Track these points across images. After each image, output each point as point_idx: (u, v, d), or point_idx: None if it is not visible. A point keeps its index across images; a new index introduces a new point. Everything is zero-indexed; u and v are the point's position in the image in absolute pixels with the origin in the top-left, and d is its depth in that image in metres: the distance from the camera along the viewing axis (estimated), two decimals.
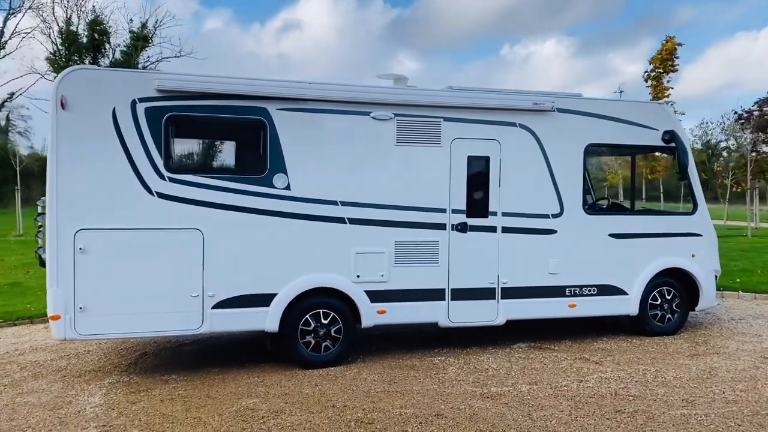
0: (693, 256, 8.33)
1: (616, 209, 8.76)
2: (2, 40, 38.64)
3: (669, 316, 8.34)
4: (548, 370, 6.87)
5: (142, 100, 6.40)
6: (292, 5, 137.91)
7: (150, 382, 6.59)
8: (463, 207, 7.43)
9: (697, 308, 8.47)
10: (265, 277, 6.79)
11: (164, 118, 6.45)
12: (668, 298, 8.31)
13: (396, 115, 7.16)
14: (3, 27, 38.99)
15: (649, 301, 8.22)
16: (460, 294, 7.43)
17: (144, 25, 45.82)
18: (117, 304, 6.35)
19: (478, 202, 7.49)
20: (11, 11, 39.39)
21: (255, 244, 6.75)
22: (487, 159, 7.51)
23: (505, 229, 7.58)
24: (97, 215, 6.29)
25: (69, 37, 43.80)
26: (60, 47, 44.13)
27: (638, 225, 8.14)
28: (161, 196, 6.46)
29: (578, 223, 7.85)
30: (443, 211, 7.36)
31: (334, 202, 7.00)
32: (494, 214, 7.54)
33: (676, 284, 8.36)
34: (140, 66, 45.27)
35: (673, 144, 8.06)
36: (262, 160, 6.79)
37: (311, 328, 6.96)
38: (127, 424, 5.43)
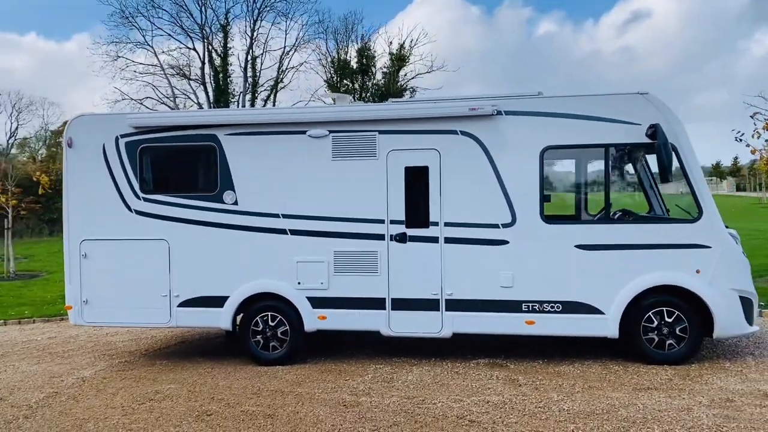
0: (698, 272, 6.93)
1: (618, 219, 7.60)
2: (280, 76, 45.61)
3: (671, 341, 7.06)
4: (453, 387, 6.57)
5: (123, 136, 7.97)
6: None
7: (141, 364, 8.13)
8: (402, 218, 7.45)
9: (714, 336, 7.00)
10: (219, 281, 7.80)
11: (138, 148, 7.93)
12: (669, 320, 7.05)
13: (331, 132, 7.55)
14: (279, 65, 46.02)
15: (643, 323, 7.09)
16: (401, 304, 7.47)
17: (402, 46, 49.82)
18: (109, 299, 8.00)
19: (417, 213, 7.43)
20: (286, 50, 46.25)
21: (209, 252, 7.81)
22: (425, 169, 7.40)
23: (449, 240, 7.36)
24: (94, 228, 8.03)
25: (340, 65, 49.81)
26: (333, 74, 50.52)
27: (615, 235, 7.08)
28: (138, 212, 7.94)
29: (535, 234, 7.20)
30: (381, 222, 7.48)
31: (276, 215, 7.69)
32: (435, 224, 7.38)
33: (683, 305, 7.04)
34: (398, 83, 49.66)
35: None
36: (213, 180, 7.83)
37: (260, 328, 7.76)
38: (68, 392, 6.98)
